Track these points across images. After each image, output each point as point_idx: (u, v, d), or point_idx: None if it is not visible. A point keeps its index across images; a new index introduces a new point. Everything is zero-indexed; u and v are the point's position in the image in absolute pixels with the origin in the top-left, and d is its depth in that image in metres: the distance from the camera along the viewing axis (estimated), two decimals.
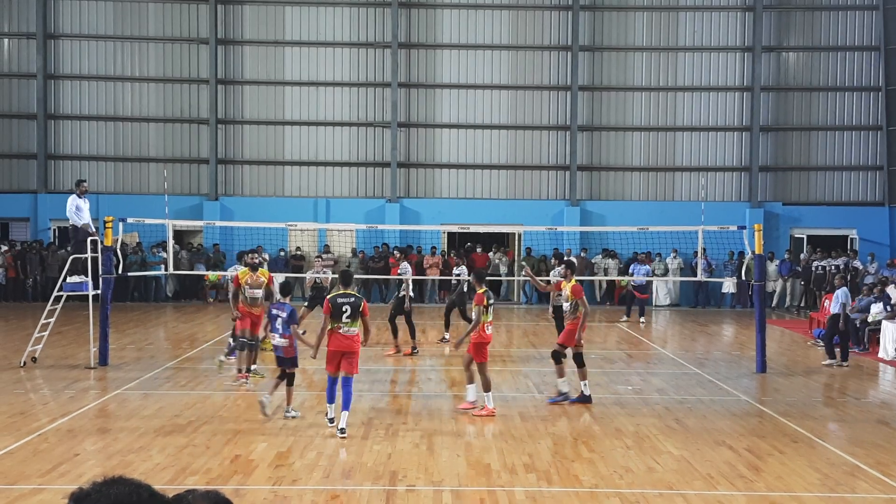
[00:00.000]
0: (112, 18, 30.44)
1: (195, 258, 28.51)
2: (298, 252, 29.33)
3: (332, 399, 11.23)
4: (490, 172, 30.93)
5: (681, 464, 9.93)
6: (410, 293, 18.33)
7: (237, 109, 30.91)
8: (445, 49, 30.77)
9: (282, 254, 28.64)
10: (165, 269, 23.32)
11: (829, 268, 26.58)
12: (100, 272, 16.23)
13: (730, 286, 28.77)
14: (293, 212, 28.97)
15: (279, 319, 11.88)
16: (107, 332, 16.13)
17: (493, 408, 12.24)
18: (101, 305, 16.18)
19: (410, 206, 30.38)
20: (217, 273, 26.88)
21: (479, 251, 29.80)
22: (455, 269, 22.54)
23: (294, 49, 30.72)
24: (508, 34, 30.75)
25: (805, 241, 30.58)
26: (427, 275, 28.02)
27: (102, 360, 15.82)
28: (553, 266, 20.08)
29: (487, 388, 12.26)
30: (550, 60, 30.82)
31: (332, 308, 11.17)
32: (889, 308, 18.89)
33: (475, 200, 30.57)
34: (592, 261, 29.56)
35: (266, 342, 14.96)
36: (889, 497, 8.93)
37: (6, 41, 30.79)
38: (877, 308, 19.16)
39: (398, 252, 20.53)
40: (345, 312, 11.13)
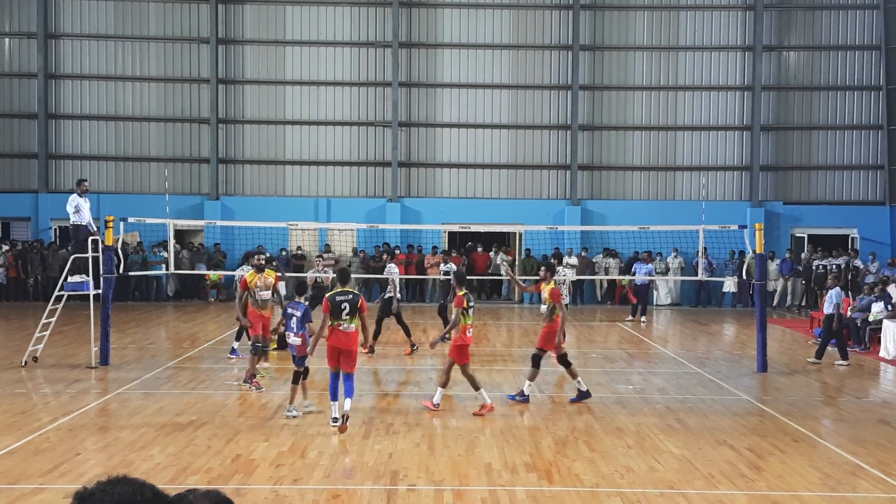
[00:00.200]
0: (113, 18, 30.45)
1: (196, 258, 28.52)
2: (299, 251, 29.34)
3: (336, 396, 11.30)
4: (491, 172, 30.92)
5: (682, 463, 9.92)
6: (398, 294, 18.33)
7: (238, 109, 30.91)
8: (446, 48, 30.76)
9: (283, 253, 28.64)
10: (166, 269, 23.32)
11: (830, 267, 26.58)
12: (101, 272, 16.24)
13: (731, 285, 28.76)
14: (294, 211, 28.99)
15: (294, 318, 12.02)
16: (108, 332, 16.15)
17: (491, 403, 12.32)
18: (102, 305, 16.20)
19: (411, 206, 30.38)
20: (218, 272, 26.90)
21: (480, 251, 29.82)
22: (442, 266, 21.45)
23: (295, 48, 30.72)
24: (509, 33, 30.74)
25: (806, 241, 30.61)
26: (428, 274, 28.01)
27: (103, 360, 15.84)
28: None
29: (477, 387, 12.31)
30: (551, 60, 30.82)
31: (332, 306, 11.30)
32: (890, 307, 18.90)
33: (476, 200, 30.57)
34: (594, 260, 29.59)
35: (272, 342, 14.96)
36: (890, 496, 8.92)
37: (7, 41, 30.80)
38: (878, 307, 19.17)
39: (385, 254, 20.36)
40: (344, 310, 11.26)
